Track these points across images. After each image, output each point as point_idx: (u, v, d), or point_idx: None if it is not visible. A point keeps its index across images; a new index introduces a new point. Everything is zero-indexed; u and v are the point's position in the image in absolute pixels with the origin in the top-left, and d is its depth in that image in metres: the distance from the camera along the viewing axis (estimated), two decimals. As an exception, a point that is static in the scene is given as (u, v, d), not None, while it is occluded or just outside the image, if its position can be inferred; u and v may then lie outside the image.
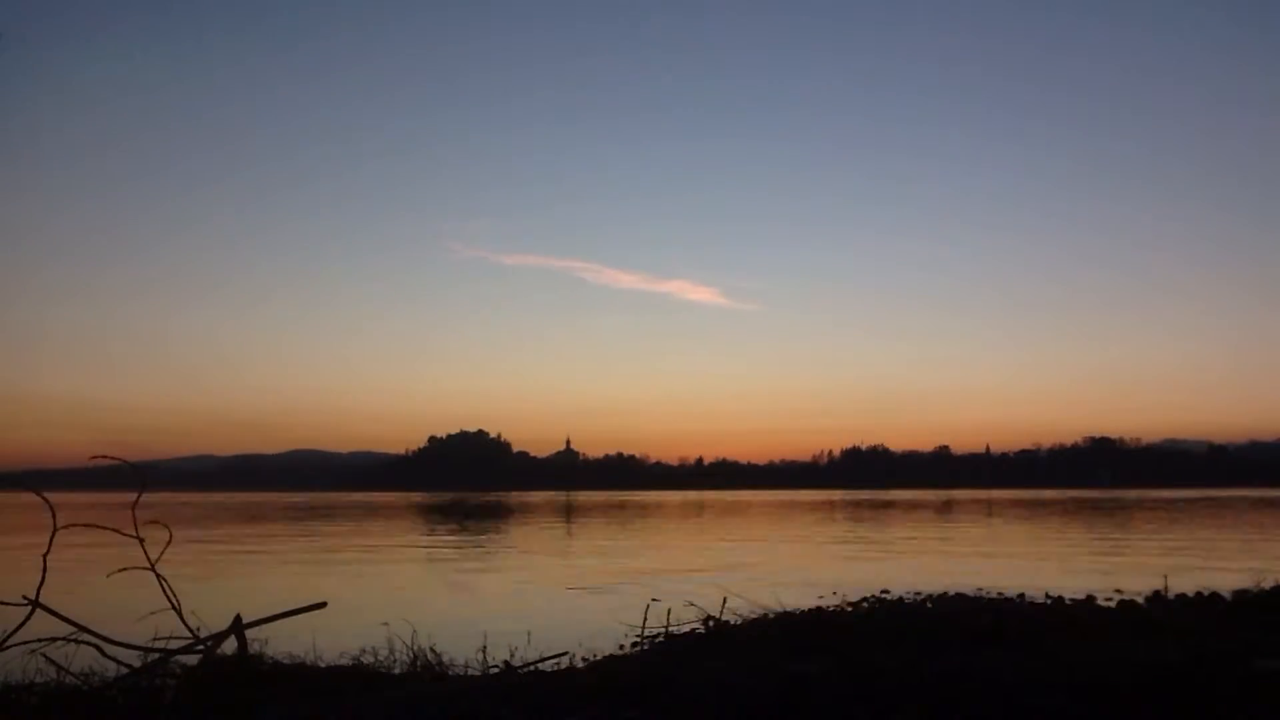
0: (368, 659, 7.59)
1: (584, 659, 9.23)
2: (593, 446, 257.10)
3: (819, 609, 12.90)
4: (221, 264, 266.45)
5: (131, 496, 7.82)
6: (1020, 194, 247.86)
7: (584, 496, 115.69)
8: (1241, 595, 12.09)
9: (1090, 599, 13.99)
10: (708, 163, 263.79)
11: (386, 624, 9.53)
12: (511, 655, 8.48)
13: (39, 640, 6.96)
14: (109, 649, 7.15)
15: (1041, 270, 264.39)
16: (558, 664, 8.34)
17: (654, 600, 14.68)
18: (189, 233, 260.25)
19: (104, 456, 8.48)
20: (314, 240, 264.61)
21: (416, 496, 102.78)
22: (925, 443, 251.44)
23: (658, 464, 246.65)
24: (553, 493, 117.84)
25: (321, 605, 8.41)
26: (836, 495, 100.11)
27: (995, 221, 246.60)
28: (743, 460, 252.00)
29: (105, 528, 7.68)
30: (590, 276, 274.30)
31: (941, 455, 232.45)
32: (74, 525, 7.49)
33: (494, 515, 57.02)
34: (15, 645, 6.87)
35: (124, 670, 6.93)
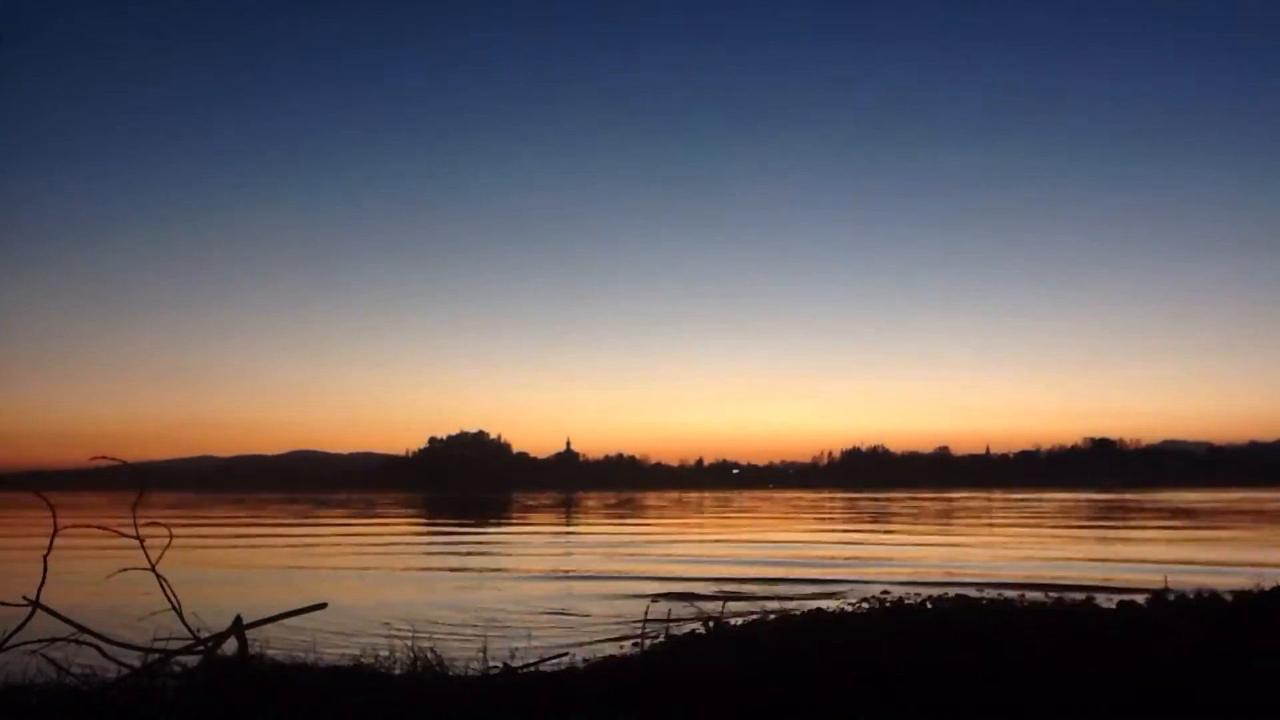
0: (368, 659, 7.59)
1: (584, 659, 9.24)
2: (593, 447, 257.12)
3: (819, 609, 12.91)
4: (221, 265, 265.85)
5: (132, 497, 7.84)
6: (1020, 193, 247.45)
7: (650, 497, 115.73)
8: (1242, 596, 12.10)
9: (1090, 599, 14.00)
10: (707, 176, 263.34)
11: (387, 624, 9.55)
12: (511, 656, 8.49)
13: (39, 641, 6.96)
14: (109, 649, 7.16)
15: (1041, 271, 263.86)
16: (558, 664, 8.35)
17: (654, 600, 14.70)
18: (188, 234, 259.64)
19: (104, 457, 8.48)
20: (313, 241, 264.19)
21: (427, 497, 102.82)
22: (925, 444, 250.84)
23: (658, 465, 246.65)
24: (602, 494, 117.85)
25: (322, 606, 8.43)
26: (838, 495, 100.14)
27: (995, 221, 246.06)
28: (743, 461, 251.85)
29: (105, 528, 7.69)
30: (592, 281, 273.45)
31: (942, 456, 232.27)
32: (74, 526, 7.50)
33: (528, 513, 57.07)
34: (15, 646, 6.87)
35: (124, 671, 6.93)
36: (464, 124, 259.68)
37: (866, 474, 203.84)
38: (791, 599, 15.14)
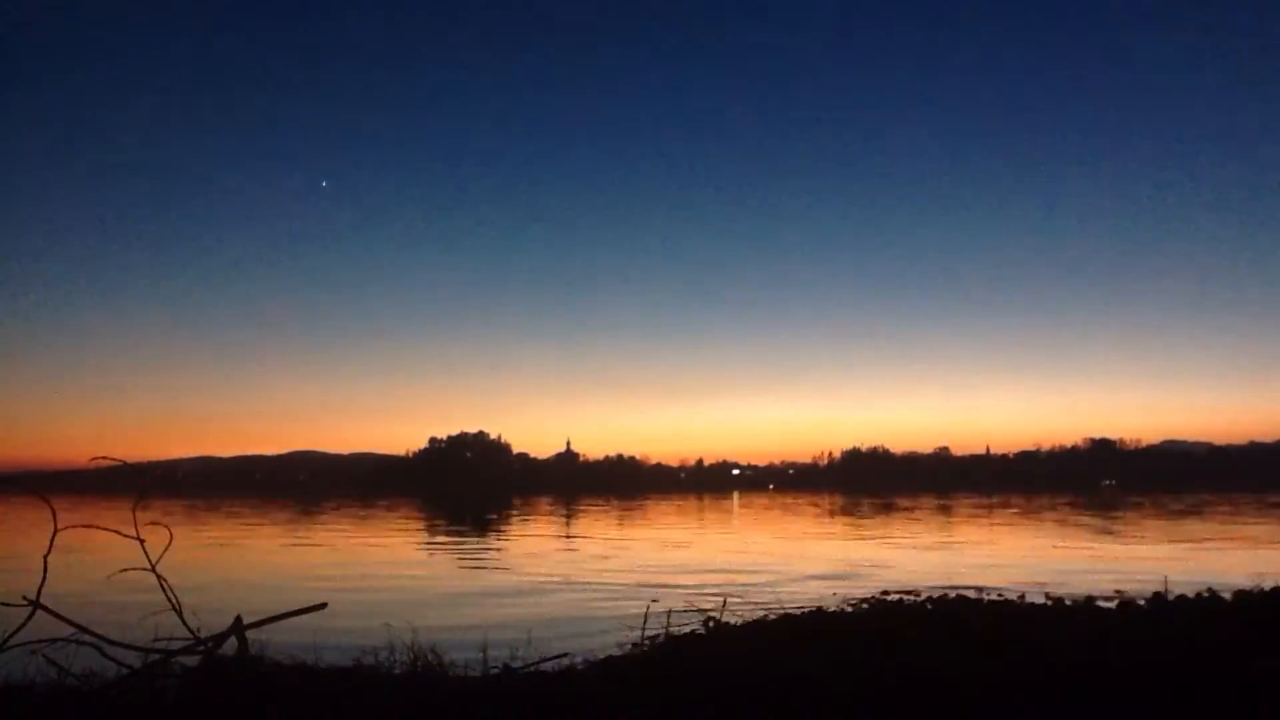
0: (368, 659, 7.60)
1: (584, 659, 9.24)
2: (593, 447, 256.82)
3: (819, 609, 12.91)
4: (221, 266, 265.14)
5: (132, 497, 7.84)
6: (1020, 192, 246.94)
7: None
8: (1242, 596, 12.12)
9: (1090, 600, 14.00)
10: (706, 178, 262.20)
11: (387, 624, 9.53)
12: (512, 656, 8.49)
13: (40, 641, 6.97)
14: (110, 650, 7.16)
15: (1041, 270, 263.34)
16: (558, 664, 8.35)
17: (654, 600, 14.69)
18: (185, 233, 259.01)
19: (104, 457, 8.50)
20: (313, 242, 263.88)
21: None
22: (925, 444, 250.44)
23: (658, 465, 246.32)
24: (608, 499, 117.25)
25: (322, 606, 8.43)
26: (839, 497, 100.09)
27: (995, 220, 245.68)
28: (743, 461, 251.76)
29: (106, 529, 7.69)
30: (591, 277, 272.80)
31: (942, 456, 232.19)
32: (74, 526, 7.50)
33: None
34: (16, 646, 6.88)
35: (124, 671, 6.94)
36: (466, 129, 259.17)
37: (867, 474, 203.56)
38: (791, 599, 15.14)
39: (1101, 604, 13.30)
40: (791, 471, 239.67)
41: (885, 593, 16.04)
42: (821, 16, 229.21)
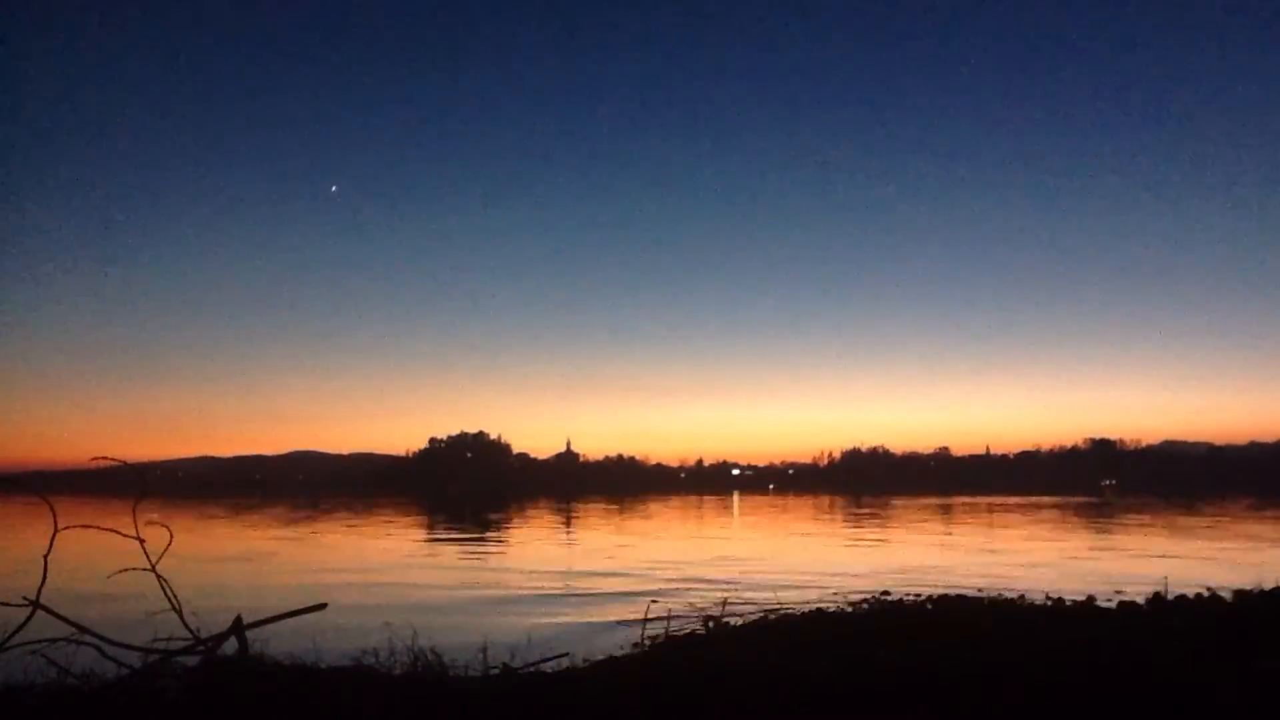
0: (368, 660, 7.59)
1: (584, 659, 9.24)
2: (593, 447, 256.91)
3: (819, 610, 12.92)
4: (221, 265, 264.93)
5: (132, 497, 7.85)
6: (1020, 193, 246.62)
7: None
8: (1242, 596, 12.11)
9: (1091, 600, 14.00)
10: (706, 179, 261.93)
11: (387, 624, 9.53)
12: (511, 656, 8.48)
13: (40, 641, 6.96)
14: (110, 650, 7.16)
15: (1041, 270, 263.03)
16: (557, 664, 8.35)
17: (654, 601, 14.69)
18: (186, 232, 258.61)
19: (104, 458, 8.51)
20: (314, 241, 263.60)
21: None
22: (925, 444, 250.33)
23: (658, 465, 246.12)
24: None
25: (322, 606, 8.44)
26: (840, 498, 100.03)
27: (995, 220, 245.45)
28: (743, 461, 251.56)
29: (106, 529, 7.69)
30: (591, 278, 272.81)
31: (942, 456, 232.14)
32: (74, 527, 7.50)
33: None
34: (16, 646, 6.87)
35: (125, 671, 6.93)
36: (468, 134, 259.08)
37: (867, 475, 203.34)
38: (791, 599, 15.13)
39: (1101, 604, 13.31)
40: (791, 471, 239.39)
41: (885, 593, 16.04)
42: (823, 21, 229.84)
